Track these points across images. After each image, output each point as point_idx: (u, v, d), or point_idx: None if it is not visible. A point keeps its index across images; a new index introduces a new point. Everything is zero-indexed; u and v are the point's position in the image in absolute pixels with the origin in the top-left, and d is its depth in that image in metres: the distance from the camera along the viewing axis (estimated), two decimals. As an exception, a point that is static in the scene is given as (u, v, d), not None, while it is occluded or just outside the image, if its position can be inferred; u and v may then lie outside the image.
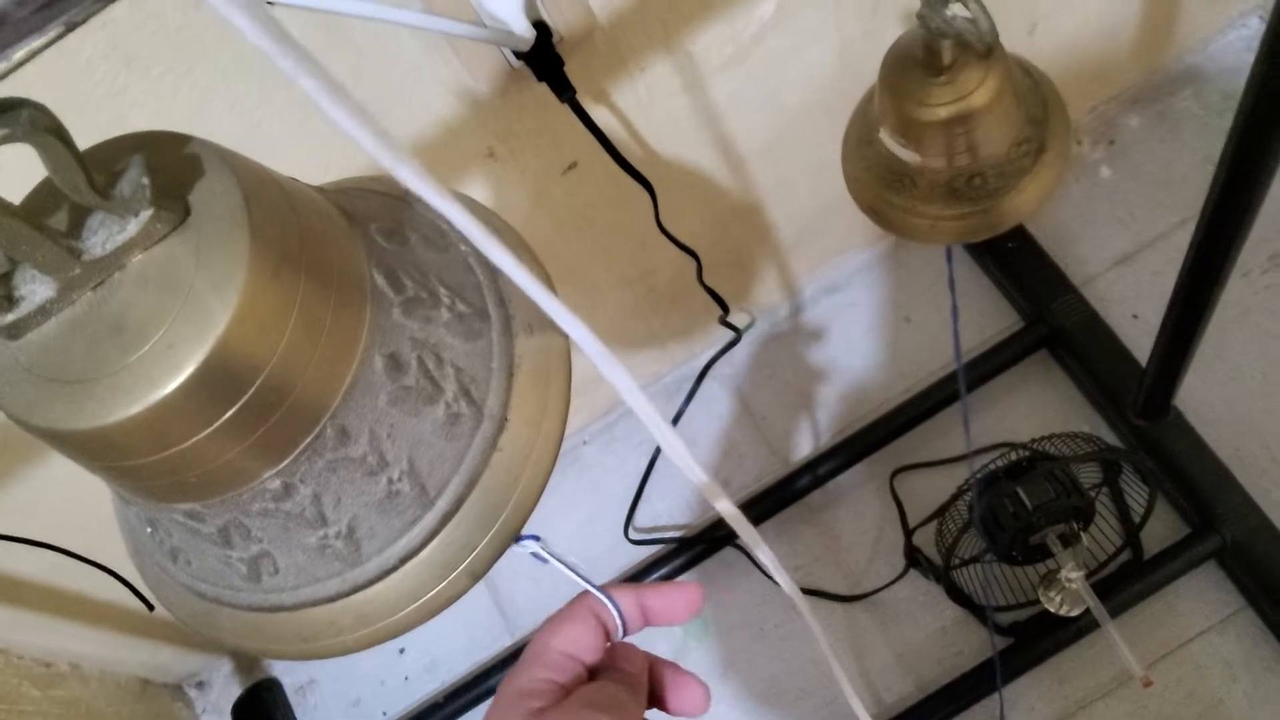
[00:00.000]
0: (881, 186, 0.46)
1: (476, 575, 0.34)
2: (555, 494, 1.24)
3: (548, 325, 0.38)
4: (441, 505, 0.34)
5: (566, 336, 0.38)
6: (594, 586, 0.38)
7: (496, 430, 0.35)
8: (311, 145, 0.67)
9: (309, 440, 0.31)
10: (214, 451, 0.30)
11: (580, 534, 1.21)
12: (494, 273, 0.37)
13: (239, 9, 0.23)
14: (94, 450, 0.30)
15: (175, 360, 0.28)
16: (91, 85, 0.61)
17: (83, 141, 0.30)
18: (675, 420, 1.20)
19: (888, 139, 0.44)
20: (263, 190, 0.30)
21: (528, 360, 0.36)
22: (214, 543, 0.34)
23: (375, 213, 0.36)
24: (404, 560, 0.34)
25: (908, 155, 0.43)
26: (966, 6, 0.36)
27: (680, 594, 0.39)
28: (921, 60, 0.41)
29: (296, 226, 0.30)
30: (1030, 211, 0.43)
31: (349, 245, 0.32)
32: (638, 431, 1.23)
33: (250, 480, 0.32)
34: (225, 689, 1.28)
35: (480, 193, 0.82)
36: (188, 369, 0.28)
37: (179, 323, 0.28)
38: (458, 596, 0.35)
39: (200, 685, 1.29)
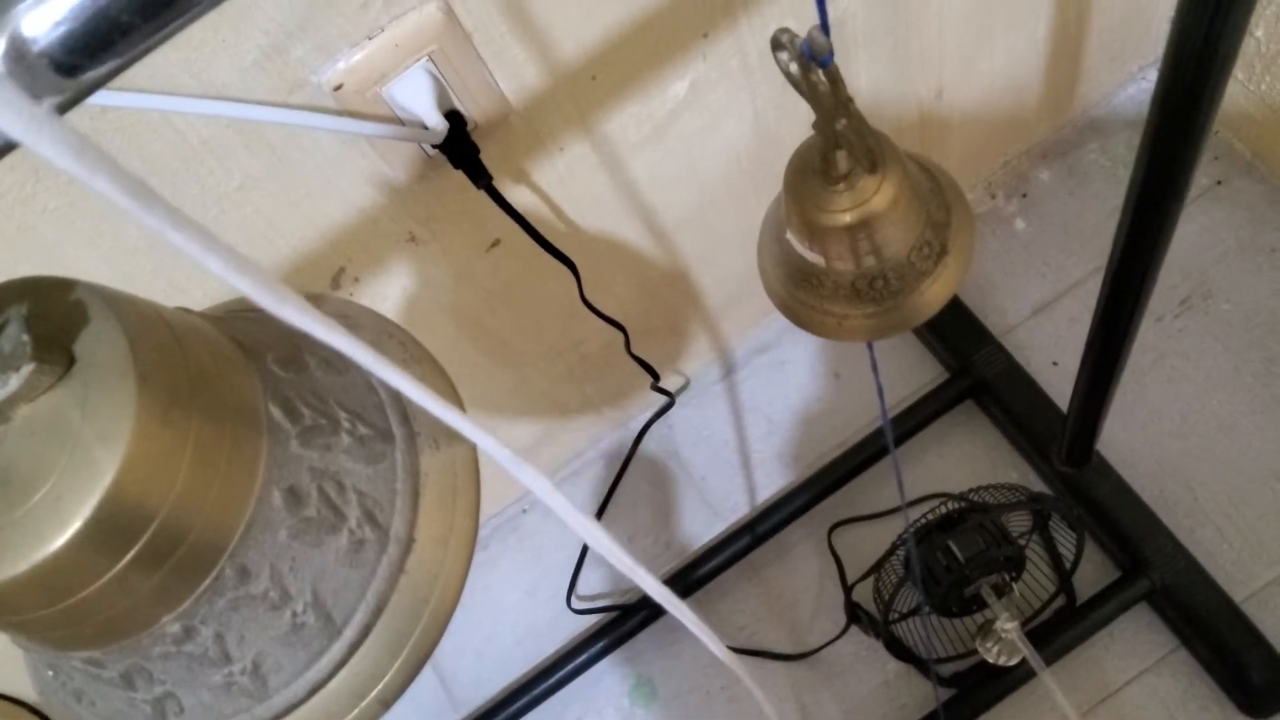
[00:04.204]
0: (791, 283, 0.47)
1: (388, 703, 0.34)
2: (497, 566, 1.23)
3: (454, 438, 0.38)
4: (349, 634, 0.34)
5: (473, 450, 0.38)
6: None
7: (403, 553, 0.35)
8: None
9: (208, 582, 0.31)
10: (109, 601, 0.30)
11: (523, 606, 1.20)
12: (397, 391, 0.37)
13: (106, 178, 0.23)
14: (-18, 607, 0.29)
15: (63, 513, 0.28)
16: (-4, 194, 0.60)
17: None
18: (614, 485, 1.21)
19: (793, 240, 0.45)
20: (150, 334, 0.30)
21: (433, 477, 0.36)
22: (116, 686, 0.34)
23: (272, 340, 0.36)
24: (312, 692, 0.34)
25: (812, 257, 0.44)
26: (849, 122, 0.37)
27: None
28: (819, 168, 0.42)
29: (186, 368, 0.30)
30: (935, 310, 0.44)
31: (243, 380, 0.32)
32: (578, 496, 1.23)
33: (149, 626, 0.31)
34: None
35: (403, 275, 0.82)
36: (76, 522, 0.28)
37: (66, 475, 0.28)
38: (370, 724, 0.34)
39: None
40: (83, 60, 0.19)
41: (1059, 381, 1.10)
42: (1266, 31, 1.03)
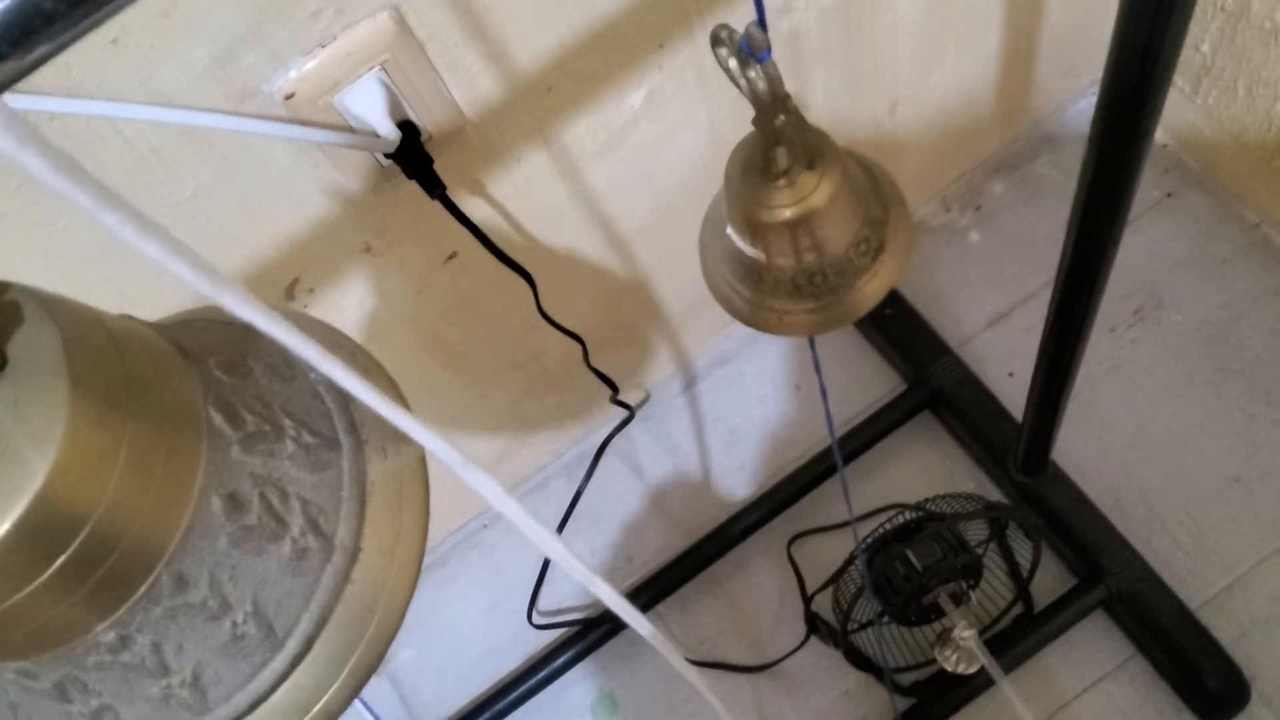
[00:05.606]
0: (733, 279, 0.48)
1: (332, 716, 0.33)
2: (457, 581, 1.22)
3: (402, 447, 0.38)
4: (291, 646, 0.33)
5: (422, 459, 0.38)
6: None
7: (348, 562, 0.34)
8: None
9: (144, 589, 0.30)
10: (39, 608, 0.29)
11: (484, 621, 1.19)
12: (345, 399, 0.37)
13: (30, 150, 0.22)
14: (-94, 619, 0.28)
15: (-9, 520, 0.27)
16: (-62, 202, 0.59)
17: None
18: (575, 499, 1.20)
19: (734, 236, 0.45)
20: (86, 336, 0.29)
21: (380, 486, 0.36)
22: (51, 699, 0.33)
23: (217, 346, 0.35)
24: (254, 705, 0.33)
25: (753, 253, 0.44)
26: (787, 118, 0.37)
27: None
28: (759, 164, 0.42)
29: (123, 371, 0.30)
30: (872, 305, 0.44)
31: (183, 384, 0.32)
32: (540, 510, 1.22)
33: (82, 634, 0.30)
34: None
35: (360, 286, 0.82)
36: (4, 526, 0.27)
37: (-5, 480, 0.27)
38: (314, 737, 0.34)
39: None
40: (4, 48, 0.19)
41: (1014, 392, 1.11)
42: (1212, 46, 1.05)
